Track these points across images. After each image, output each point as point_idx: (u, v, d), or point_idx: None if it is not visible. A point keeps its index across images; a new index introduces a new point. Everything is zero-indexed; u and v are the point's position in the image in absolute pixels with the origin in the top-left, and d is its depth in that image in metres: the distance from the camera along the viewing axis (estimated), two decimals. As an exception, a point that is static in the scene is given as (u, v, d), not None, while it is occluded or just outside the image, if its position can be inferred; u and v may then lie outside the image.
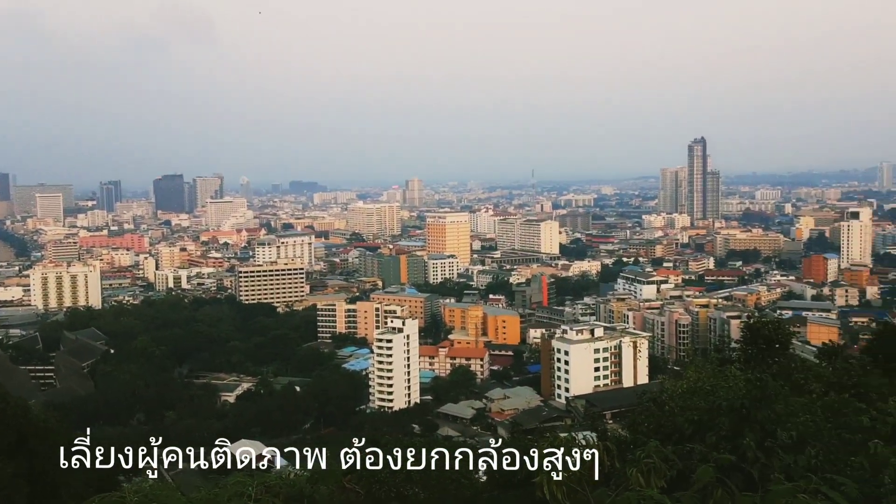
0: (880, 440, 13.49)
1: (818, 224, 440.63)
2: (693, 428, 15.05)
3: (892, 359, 27.78)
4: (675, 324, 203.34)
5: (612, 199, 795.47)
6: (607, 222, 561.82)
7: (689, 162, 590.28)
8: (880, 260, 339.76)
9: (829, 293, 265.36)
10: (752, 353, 25.56)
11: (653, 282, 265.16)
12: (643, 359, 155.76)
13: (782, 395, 15.35)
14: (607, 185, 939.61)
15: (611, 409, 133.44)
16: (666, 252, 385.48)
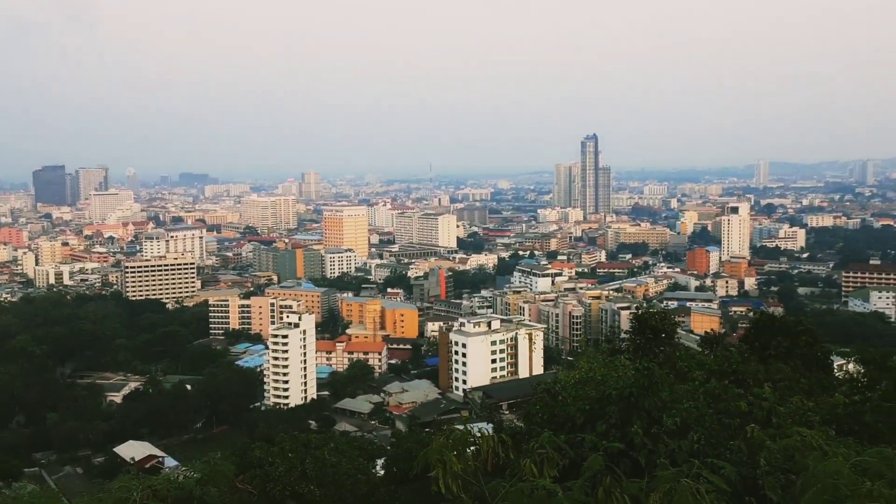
0: (756, 424, 14.20)
1: (701, 218, 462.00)
2: (585, 417, 15.41)
3: (767, 346, 29.36)
4: (568, 315, 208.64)
5: (509, 193, 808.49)
6: (504, 216, 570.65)
7: (582, 158, 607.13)
8: (757, 252, 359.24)
9: (711, 284, 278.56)
10: (641, 343, 26.46)
11: (548, 274, 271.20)
12: (538, 350, 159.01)
13: (668, 383, 15.92)
14: (504, 179, 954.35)
15: (507, 400, 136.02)
16: (560, 245, 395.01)
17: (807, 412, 17.42)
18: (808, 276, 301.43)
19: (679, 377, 20.12)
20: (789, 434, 12.48)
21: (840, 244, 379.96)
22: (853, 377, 25.67)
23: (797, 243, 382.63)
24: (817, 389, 23.77)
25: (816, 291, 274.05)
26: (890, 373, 23.79)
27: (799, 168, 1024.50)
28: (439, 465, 11.73)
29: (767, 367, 24.64)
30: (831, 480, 7.84)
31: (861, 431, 17.37)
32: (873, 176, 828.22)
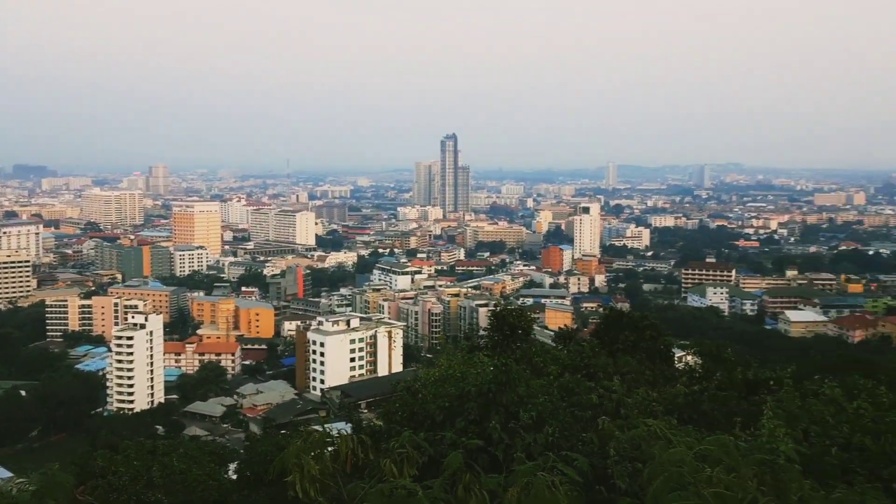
0: (607, 416, 14.76)
1: (555, 218, 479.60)
2: (444, 414, 15.46)
3: (616, 340, 30.76)
4: (428, 313, 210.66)
5: (369, 190, 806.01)
6: (363, 214, 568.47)
7: (442, 157, 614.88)
8: (607, 251, 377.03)
9: (565, 281, 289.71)
10: (499, 340, 26.99)
11: (407, 272, 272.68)
12: (398, 348, 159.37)
13: (524, 378, 16.27)
14: (364, 176, 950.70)
15: (366, 399, 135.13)
16: (420, 243, 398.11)
17: (651, 403, 18.31)
18: (653, 274, 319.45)
19: (535, 372, 20.64)
20: (636, 425, 13.03)
21: (680, 243, 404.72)
22: (692, 368, 27.28)
23: (642, 242, 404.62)
24: (660, 380, 25.09)
25: (659, 288, 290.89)
26: (724, 364, 25.46)
27: (644, 171, 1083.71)
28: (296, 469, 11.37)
29: (616, 360, 25.77)
30: (676, 468, 8.15)
31: (699, 419, 18.45)
32: (710, 179, 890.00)
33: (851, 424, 15.01)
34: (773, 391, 18.65)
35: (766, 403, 15.56)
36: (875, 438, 14.23)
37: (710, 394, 19.60)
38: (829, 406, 15.87)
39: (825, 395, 17.30)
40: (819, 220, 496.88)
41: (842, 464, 13.33)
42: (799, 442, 13.72)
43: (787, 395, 16.28)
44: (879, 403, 16.63)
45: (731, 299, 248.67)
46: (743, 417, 16.39)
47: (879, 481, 10.93)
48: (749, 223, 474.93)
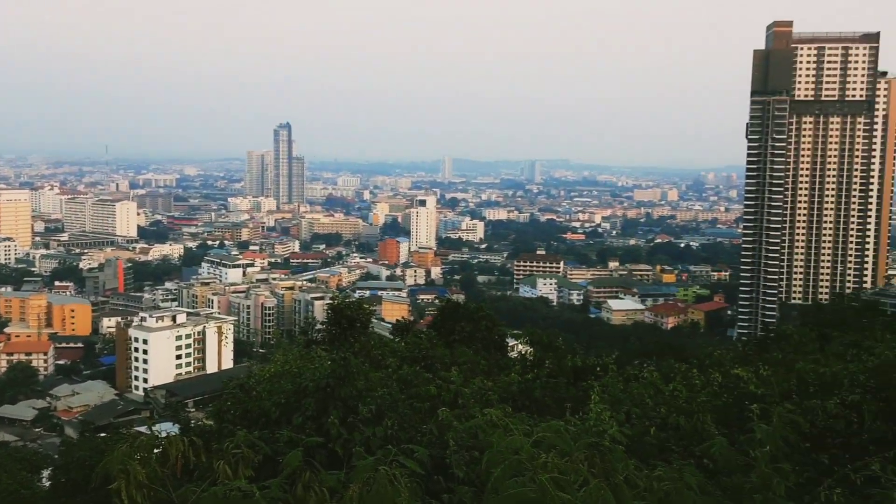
0: (445, 406, 14.96)
1: (392, 210, 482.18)
2: (280, 411, 15.07)
3: (452, 331, 31.35)
4: (261, 307, 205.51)
5: (196, 180, 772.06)
6: (191, 204, 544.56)
7: (276, 146, 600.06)
8: (442, 243, 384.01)
9: (401, 273, 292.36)
10: (336, 333, 26.71)
11: (239, 265, 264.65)
12: (229, 344, 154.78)
13: (363, 372, 16.15)
14: (191, 165, 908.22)
15: (194, 398, 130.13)
16: (252, 235, 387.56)
17: (487, 391, 18.79)
18: (486, 266, 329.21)
19: (374, 365, 20.60)
20: (474, 414, 13.29)
21: (513, 236, 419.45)
22: (524, 357, 28.30)
23: (477, 235, 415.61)
24: (495, 369, 25.82)
25: (493, 279, 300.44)
26: (554, 352, 26.61)
27: (479, 165, 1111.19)
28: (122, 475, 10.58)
29: (453, 350, 26.24)
30: (514, 456, 8.34)
31: (532, 406, 19.16)
32: (540, 175, 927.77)
33: (668, 405, 16.08)
34: (600, 377, 19.69)
35: (593, 389, 16.36)
36: (688, 418, 15.30)
37: (541, 381, 20.39)
38: (648, 389, 16.97)
39: (645, 378, 18.54)
40: (638, 214, 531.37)
41: (659, 443, 14.24)
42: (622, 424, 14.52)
43: (612, 380, 17.25)
44: (692, 385, 18.05)
45: (560, 289, 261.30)
46: (572, 403, 17.17)
47: (692, 458, 11.75)
48: (576, 217, 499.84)
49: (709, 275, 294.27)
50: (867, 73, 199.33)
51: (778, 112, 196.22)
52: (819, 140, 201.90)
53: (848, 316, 41.53)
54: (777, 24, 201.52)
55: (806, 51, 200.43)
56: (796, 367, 17.39)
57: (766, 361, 20.47)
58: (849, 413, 14.57)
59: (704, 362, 24.01)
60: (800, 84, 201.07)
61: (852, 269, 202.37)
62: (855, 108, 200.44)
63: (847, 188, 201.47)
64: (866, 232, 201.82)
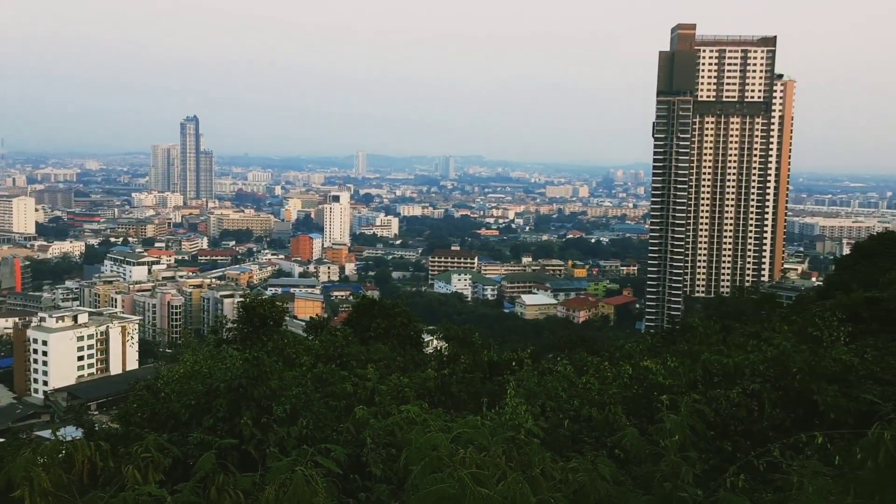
0: (361, 404, 14.86)
1: (305, 206, 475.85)
2: (190, 413, 14.67)
3: (368, 328, 31.18)
4: (167, 305, 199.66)
5: (99, 175, 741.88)
6: (93, 200, 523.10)
7: (182, 140, 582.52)
8: (357, 239, 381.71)
9: (315, 270, 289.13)
10: (248, 332, 26.17)
11: (144, 263, 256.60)
12: (134, 344, 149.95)
13: (277, 371, 15.88)
14: (93, 159, 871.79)
15: (97, 400, 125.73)
16: (158, 232, 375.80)
17: (403, 388, 18.78)
18: (401, 262, 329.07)
19: (288, 364, 20.27)
20: (391, 411, 13.26)
21: (427, 232, 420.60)
22: (440, 353, 28.42)
23: (392, 231, 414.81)
24: (412, 366, 25.83)
25: (408, 275, 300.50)
26: (470, 347, 26.81)
27: (393, 161, 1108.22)
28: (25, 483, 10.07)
29: (369, 348, 26.10)
30: (433, 452, 8.37)
31: (448, 402, 19.25)
32: (454, 171, 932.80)
33: (580, 398, 16.43)
34: (515, 371, 19.94)
35: (508, 383, 16.56)
36: (600, 409, 15.68)
37: (457, 377, 20.51)
38: (562, 382, 17.28)
39: (559, 372, 18.90)
40: (550, 210, 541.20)
41: (573, 434, 14.54)
42: (537, 417, 14.75)
43: (527, 375, 17.48)
44: (604, 378, 18.50)
45: (474, 285, 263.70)
46: (489, 397, 17.33)
47: (605, 448, 12.05)
48: (490, 213, 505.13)
49: (618, 269, 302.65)
50: (765, 75, 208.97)
51: (682, 112, 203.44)
52: (720, 139, 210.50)
53: (748, 308, 43.51)
54: (681, 26, 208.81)
55: (708, 53, 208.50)
56: (701, 358, 18.05)
57: (674, 353, 21.18)
58: (750, 401, 15.24)
59: (615, 355, 24.67)
60: (702, 85, 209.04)
61: (751, 263, 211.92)
62: (753, 108, 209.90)
63: (746, 185, 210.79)
64: (764, 227, 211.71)
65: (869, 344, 18.90)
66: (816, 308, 27.74)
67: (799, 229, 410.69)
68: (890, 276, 34.82)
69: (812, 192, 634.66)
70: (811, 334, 19.97)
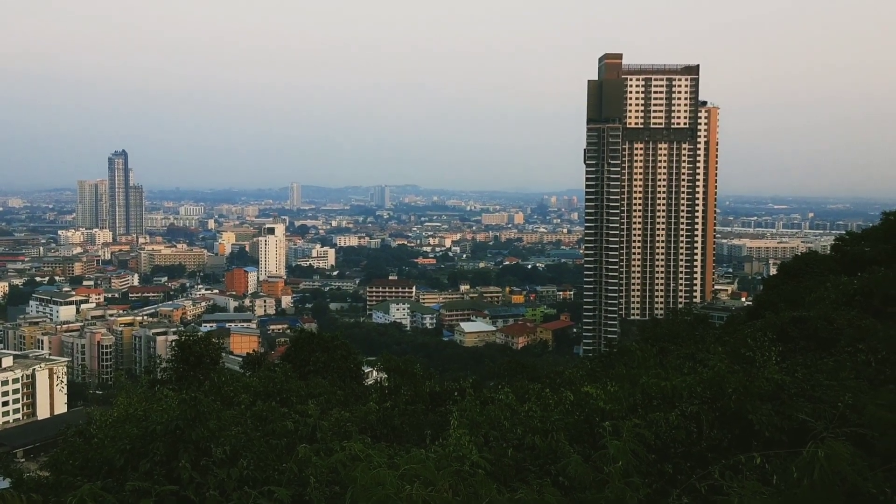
0: (303, 442, 14.61)
1: (239, 239, 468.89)
2: (126, 458, 14.17)
3: (307, 362, 30.75)
4: (97, 345, 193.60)
5: (22, 212, 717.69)
6: (16, 238, 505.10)
7: (111, 175, 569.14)
8: (293, 271, 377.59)
9: (250, 304, 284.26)
10: (184, 371, 25.52)
11: (71, 302, 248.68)
12: (62, 386, 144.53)
13: (215, 410, 15.50)
14: (15, 197, 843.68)
15: (24, 447, 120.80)
16: (86, 270, 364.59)
17: (345, 423, 18.54)
18: (339, 293, 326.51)
19: (226, 403, 19.81)
20: (334, 448, 13.05)
21: (365, 262, 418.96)
22: (381, 385, 28.19)
23: (328, 262, 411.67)
24: (352, 399, 25.54)
25: (346, 306, 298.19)
26: (411, 378, 26.67)
27: (328, 191, 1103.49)
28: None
29: (308, 382, 25.71)
30: (379, 489, 8.30)
31: (391, 435, 19.09)
32: (390, 200, 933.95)
33: (523, 426, 16.48)
34: (457, 401, 19.91)
35: (451, 413, 16.51)
36: (543, 437, 15.75)
37: (400, 409, 20.37)
38: (504, 411, 17.31)
39: (501, 400, 18.93)
40: (486, 238, 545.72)
41: (517, 463, 14.56)
42: (481, 447, 14.73)
43: (470, 404, 17.46)
44: (546, 404, 18.60)
45: (413, 314, 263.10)
46: (432, 429, 17.25)
47: (550, 476, 12.09)
48: (427, 241, 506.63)
49: (555, 294, 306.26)
50: (689, 102, 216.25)
51: (612, 139, 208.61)
52: (649, 165, 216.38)
53: (682, 330, 44.34)
54: (608, 56, 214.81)
55: (635, 81, 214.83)
56: (640, 382, 18.35)
57: (613, 377, 21.46)
58: (689, 423, 15.53)
59: (556, 381, 24.86)
60: (630, 112, 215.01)
61: (683, 285, 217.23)
62: (680, 135, 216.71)
63: (676, 209, 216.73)
64: (694, 250, 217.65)
65: (799, 362, 19.48)
66: (748, 328, 28.54)
67: (727, 251, 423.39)
68: (815, 295, 36.10)
69: (738, 215, 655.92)
70: (744, 355, 20.50)
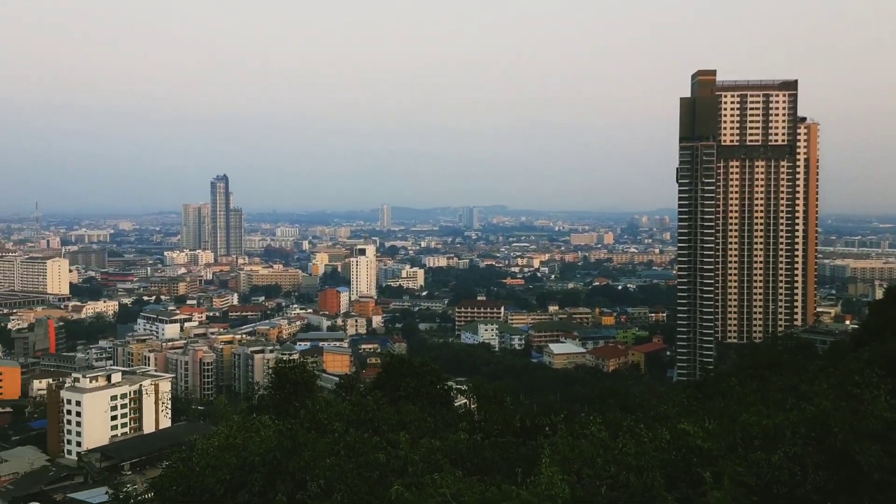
0: (394, 474, 14.74)
1: (332, 260, 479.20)
2: (225, 488, 14.61)
3: (398, 388, 31.02)
4: (199, 362, 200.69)
5: (132, 234, 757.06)
6: (126, 259, 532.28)
7: (213, 198, 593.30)
8: (383, 292, 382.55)
9: (342, 323, 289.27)
10: (281, 398, 26.18)
11: (176, 320, 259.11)
12: (166, 401, 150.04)
13: (310, 441, 15.83)
14: (126, 219, 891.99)
15: (130, 460, 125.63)
16: (190, 289, 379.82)
17: (435, 453, 18.58)
18: (428, 313, 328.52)
19: (320, 430, 20.19)
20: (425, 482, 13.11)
21: (453, 282, 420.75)
22: (470, 412, 28.19)
23: (417, 282, 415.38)
24: (441, 426, 25.60)
25: (435, 326, 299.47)
26: (501, 407, 26.56)
27: (417, 213, 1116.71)
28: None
29: (399, 408, 25.93)
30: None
31: (482, 466, 19.02)
32: (478, 221, 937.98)
33: (617, 463, 16.15)
34: (548, 435, 19.68)
35: (543, 448, 16.33)
36: (638, 475, 15.38)
37: (491, 441, 20.27)
38: (597, 447, 17.00)
39: (593, 435, 18.59)
40: (575, 258, 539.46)
41: (610, 501, 14.26)
42: (573, 485, 14.49)
43: (562, 440, 17.23)
44: (640, 441, 18.15)
45: (501, 335, 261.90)
46: (523, 464, 17.12)
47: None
48: (515, 262, 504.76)
49: (647, 316, 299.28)
50: (787, 118, 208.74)
51: (706, 157, 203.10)
52: (746, 183, 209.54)
53: (783, 357, 42.65)
54: (701, 73, 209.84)
55: (729, 98, 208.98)
56: (740, 419, 17.71)
57: (711, 412, 20.80)
58: (792, 465, 14.87)
59: (650, 414, 24.25)
60: (725, 130, 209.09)
61: (783, 307, 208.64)
62: (778, 152, 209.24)
63: (774, 228, 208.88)
64: (794, 270, 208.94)
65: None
66: (854, 362, 27.15)
67: (830, 271, 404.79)
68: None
69: (841, 234, 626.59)
70: (851, 392, 19.53)
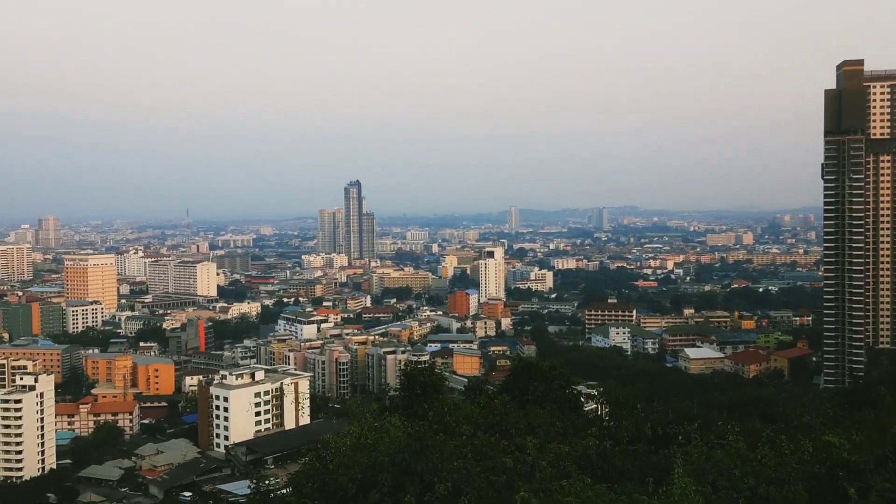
0: (521, 479, 14.71)
1: (461, 262, 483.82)
2: (357, 486, 15.07)
3: (526, 392, 30.89)
4: (335, 362, 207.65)
5: (272, 239, 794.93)
6: (267, 263, 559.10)
7: (346, 203, 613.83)
8: (512, 294, 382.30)
9: (472, 325, 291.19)
10: (410, 400, 26.70)
11: (313, 321, 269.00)
12: (305, 399, 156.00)
13: (438, 443, 16.05)
14: (266, 225, 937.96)
15: (273, 454, 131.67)
16: (325, 291, 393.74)
17: (563, 458, 18.36)
18: (557, 315, 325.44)
19: (447, 432, 20.45)
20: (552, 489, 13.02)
21: (583, 285, 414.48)
22: (601, 418, 27.69)
23: (546, 284, 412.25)
24: (570, 431, 25.27)
25: (564, 329, 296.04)
26: (632, 412, 25.94)
27: (545, 214, 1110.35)
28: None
29: (527, 412, 25.82)
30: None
31: (612, 473, 18.64)
32: (608, 222, 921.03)
33: (755, 475, 15.44)
34: (682, 444, 19.06)
35: (676, 458, 15.85)
36: (779, 488, 14.65)
37: (621, 448, 19.85)
38: (734, 458, 16.29)
39: (730, 445, 17.82)
40: (712, 259, 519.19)
41: (749, 515, 13.65)
42: (708, 497, 13.97)
43: (696, 450, 16.64)
44: (781, 452, 17.25)
45: (633, 338, 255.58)
46: (654, 473, 16.66)
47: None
48: (647, 264, 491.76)
49: (790, 320, 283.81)
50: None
51: (854, 151, 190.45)
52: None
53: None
54: (847, 63, 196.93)
55: (879, 89, 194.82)
56: (891, 432, 16.51)
57: (859, 423, 19.48)
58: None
59: (792, 423, 23.00)
60: (875, 122, 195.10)
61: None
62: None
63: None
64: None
65: None
66: None
67: None
68: None
69: None
70: None
